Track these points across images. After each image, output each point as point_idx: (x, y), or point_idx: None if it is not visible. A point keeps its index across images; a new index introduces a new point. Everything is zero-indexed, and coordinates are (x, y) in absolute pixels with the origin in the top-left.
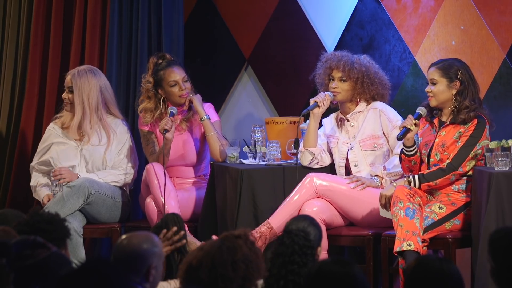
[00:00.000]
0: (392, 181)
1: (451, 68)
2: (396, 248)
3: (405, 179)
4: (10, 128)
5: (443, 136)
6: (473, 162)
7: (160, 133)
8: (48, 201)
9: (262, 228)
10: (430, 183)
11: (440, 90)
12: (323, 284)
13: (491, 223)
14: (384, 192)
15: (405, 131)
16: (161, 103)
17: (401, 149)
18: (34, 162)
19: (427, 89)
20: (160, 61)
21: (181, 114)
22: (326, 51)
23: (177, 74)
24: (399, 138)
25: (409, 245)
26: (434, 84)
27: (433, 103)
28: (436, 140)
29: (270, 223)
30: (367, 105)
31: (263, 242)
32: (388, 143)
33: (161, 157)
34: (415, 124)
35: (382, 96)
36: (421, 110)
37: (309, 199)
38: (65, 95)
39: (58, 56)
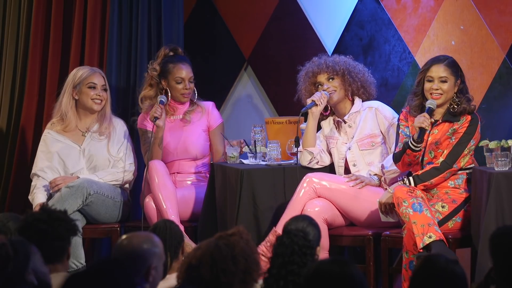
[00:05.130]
0: (388, 188)
1: (456, 65)
2: (420, 245)
3: (399, 182)
4: (10, 127)
5: (436, 134)
6: (467, 158)
7: (150, 121)
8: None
9: (271, 236)
10: (426, 183)
11: (450, 88)
12: (321, 284)
13: (491, 223)
14: (381, 200)
15: (421, 131)
16: (163, 93)
17: (407, 143)
18: (35, 170)
19: (436, 86)
20: (172, 53)
21: (182, 109)
22: (326, 51)
23: (185, 72)
24: (419, 141)
25: (429, 237)
26: (444, 81)
27: (440, 101)
28: (429, 139)
29: (277, 230)
30: (362, 104)
31: None
32: (386, 141)
33: (158, 153)
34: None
35: (370, 85)
36: (431, 104)
37: (310, 199)
38: (99, 94)
39: (58, 56)
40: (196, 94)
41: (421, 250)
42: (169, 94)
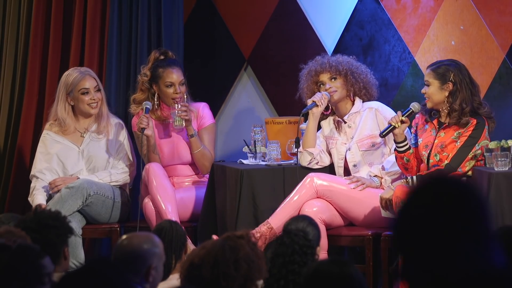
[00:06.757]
0: (390, 184)
1: (444, 70)
2: None
3: (402, 180)
4: (9, 127)
5: (442, 137)
6: (473, 163)
7: (138, 131)
8: None
9: (262, 228)
10: None
11: (433, 92)
12: (320, 284)
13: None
14: (383, 195)
15: (389, 128)
16: (155, 98)
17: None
18: (34, 171)
19: (422, 90)
20: (162, 57)
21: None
22: (325, 52)
23: (175, 76)
24: (382, 135)
25: None
26: (427, 85)
27: (429, 104)
28: (435, 141)
29: (270, 223)
30: (363, 104)
31: (263, 242)
32: (386, 142)
33: (155, 158)
34: (402, 121)
35: (372, 86)
36: (413, 106)
37: (309, 199)
38: (93, 97)
39: (58, 56)
40: (186, 98)
41: None
42: (156, 100)
